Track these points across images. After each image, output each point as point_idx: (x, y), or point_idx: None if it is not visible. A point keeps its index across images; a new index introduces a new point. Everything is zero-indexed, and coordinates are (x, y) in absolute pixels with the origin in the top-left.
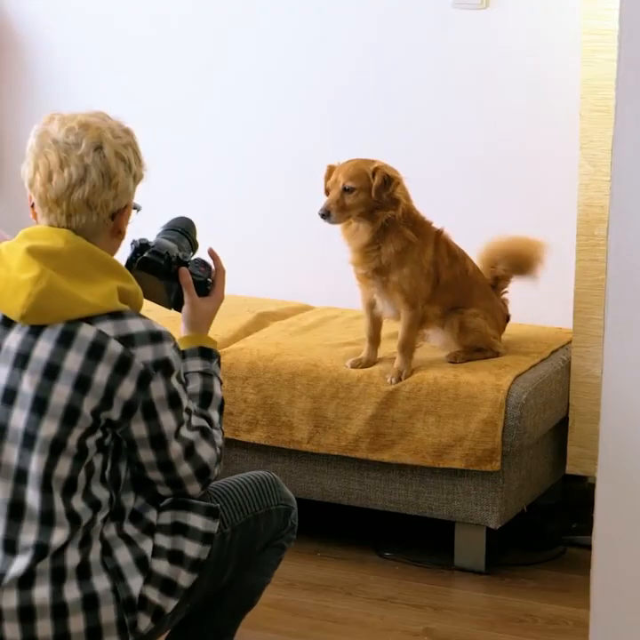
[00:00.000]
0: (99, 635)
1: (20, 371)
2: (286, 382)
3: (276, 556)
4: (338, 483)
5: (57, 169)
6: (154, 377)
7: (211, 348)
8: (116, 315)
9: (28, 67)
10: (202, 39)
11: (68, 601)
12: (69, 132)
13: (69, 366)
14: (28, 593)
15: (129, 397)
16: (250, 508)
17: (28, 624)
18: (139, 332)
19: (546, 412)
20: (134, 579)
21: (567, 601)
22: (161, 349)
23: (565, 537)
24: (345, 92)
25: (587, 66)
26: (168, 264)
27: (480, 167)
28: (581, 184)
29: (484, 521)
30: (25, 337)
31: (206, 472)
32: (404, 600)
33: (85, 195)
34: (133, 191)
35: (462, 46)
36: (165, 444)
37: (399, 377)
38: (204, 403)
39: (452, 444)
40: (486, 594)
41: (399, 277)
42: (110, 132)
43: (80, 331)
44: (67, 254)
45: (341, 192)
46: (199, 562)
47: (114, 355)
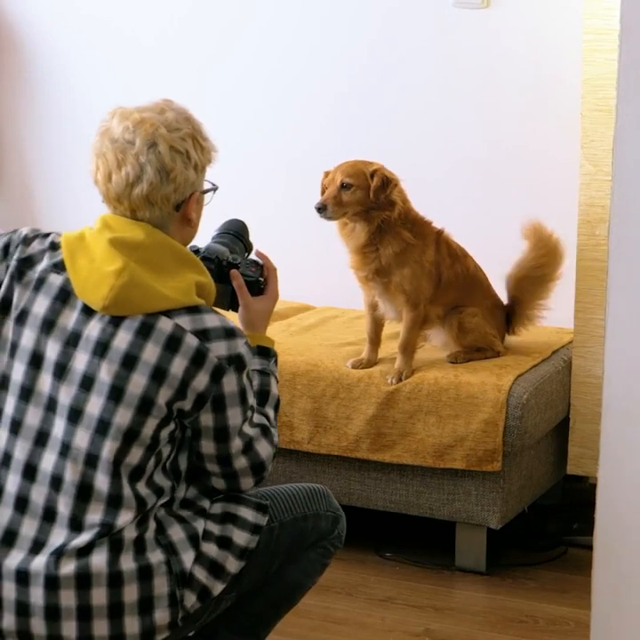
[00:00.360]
0: (150, 605)
1: (99, 359)
2: (287, 382)
3: (321, 559)
4: (338, 483)
5: (115, 168)
6: (227, 371)
7: (269, 346)
8: (192, 309)
9: (28, 67)
10: (202, 39)
11: (124, 570)
12: (125, 131)
13: (147, 357)
14: (86, 560)
15: (202, 389)
16: (299, 509)
17: (84, 591)
18: (214, 327)
19: (547, 413)
20: (187, 554)
21: (568, 601)
22: (234, 345)
23: (566, 537)
24: (346, 92)
25: (587, 65)
26: (219, 268)
27: (481, 167)
28: (582, 184)
29: (485, 521)
30: (105, 326)
31: (262, 468)
32: (405, 600)
33: (144, 192)
34: (198, 179)
35: (463, 46)
36: (228, 438)
37: (399, 377)
38: (262, 401)
39: (453, 444)
40: (487, 594)
41: (400, 278)
42: (165, 127)
43: (158, 323)
44: (148, 247)
45: (338, 188)
46: (247, 550)
47: (190, 348)
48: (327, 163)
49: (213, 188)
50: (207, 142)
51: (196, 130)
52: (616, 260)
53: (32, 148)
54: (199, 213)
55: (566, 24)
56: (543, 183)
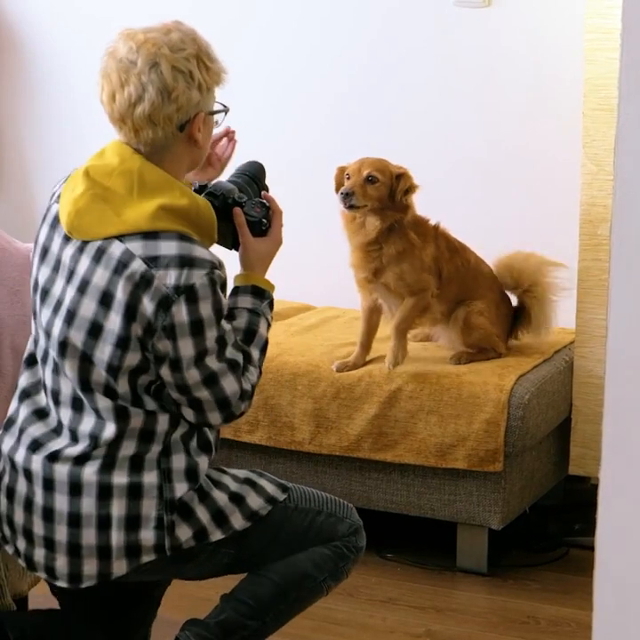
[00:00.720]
0: (137, 523)
1: (66, 283)
2: (287, 383)
3: (334, 558)
4: (339, 483)
5: (118, 88)
6: (176, 301)
7: (264, 287)
8: (149, 235)
9: (28, 67)
10: (205, 34)
11: (115, 484)
12: (129, 51)
13: (96, 281)
14: (79, 469)
15: (149, 315)
16: (318, 504)
17: (75, 498)
18: (167, 254)
19: (548, 413)
20: (180, 484)
21: (570, 602)
22: (188, 275)
23: (568, 538)
24: (346, 92)
25: (589, 64)
26: (224, 205)
27: (482, 167)
28: (584, 183)
29: (487, 522)
30: (74, 252)
31: (226, 404)
32: (406, 601)
33: (147, 111)
34: (204, 100)
35: (464, 45)
36: (181, 369)
37: (396, 361)
38: (247, 339)
39: (455, 444)
40: (488, 595)
41: (399, 272)
42: (169, 47)
43: (110, 248)
44: (117, 174)
45: (364, 180)
46: (257, 514)
47: (135, 273)
48: (327, 163)
49: (224, 109)
50: (214, 63)
51: (202, 50)
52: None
53: (32, 148)
54: (207, 134)
55: (568, 23)
56: (544, 183)
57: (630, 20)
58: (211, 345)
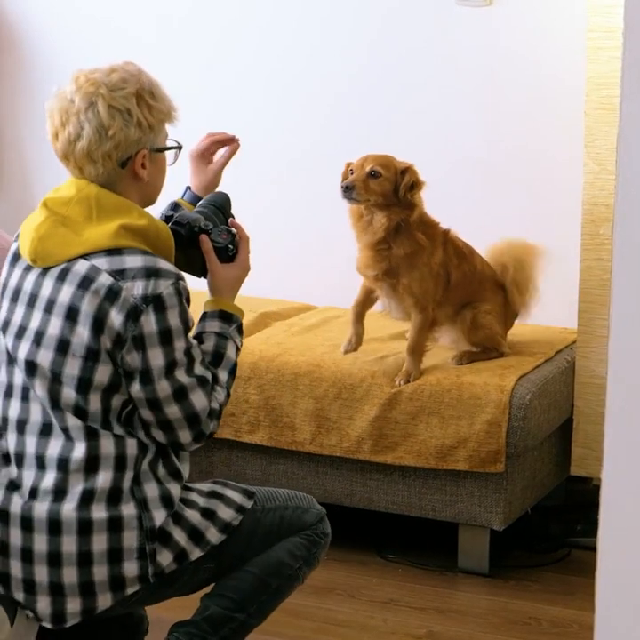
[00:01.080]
0: (119, 556)
1: (30, 309)
2: (288, 383)
3: (307, 544)
4: (340, 484)
5: (60, 128)
6: (144, 311)
7: (232, 312)
8: (114, 251)
9: (29, 67)
10: (202, 39)
11: (95, 519)
12: (70, 92)
13: (62, 299)
14: (58, 506)
15: (118, 328)
16: (282, 501)
17: (55, 537)
18: (133, 267)
19: (550, 413)
20: (158, 512)
21: (572, 604)
22: (155, 285)
23: (570, 539)
24: (347, 91)
25: (592, 63)
26: (190, 233)
27: (483, 166)
28: (586, 183)
29: (488, 523)
30: (37, 278)
31: (196, 420)
32: (407, 603)
33: (85, 149)
34: (146, 137)
35: (465, 44)
36: (152, 381)
37: (407, 379)
38: (215, 362)
39: (456, 445)
40: (490, 596)
41: (409, 280)
42: (107, 86)
43: (75, 266)
44: (75, 202)
45: (367, 174)
46: (230, 526)
47: (102, 286)
48: (327, 163)
49: (175, 147)
50: (158, 102)
51: (144, 89)
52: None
53: (32, 148)
54: (155, 171)
55: (570, 22)
56: (546, 182)
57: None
58: (180, 357)
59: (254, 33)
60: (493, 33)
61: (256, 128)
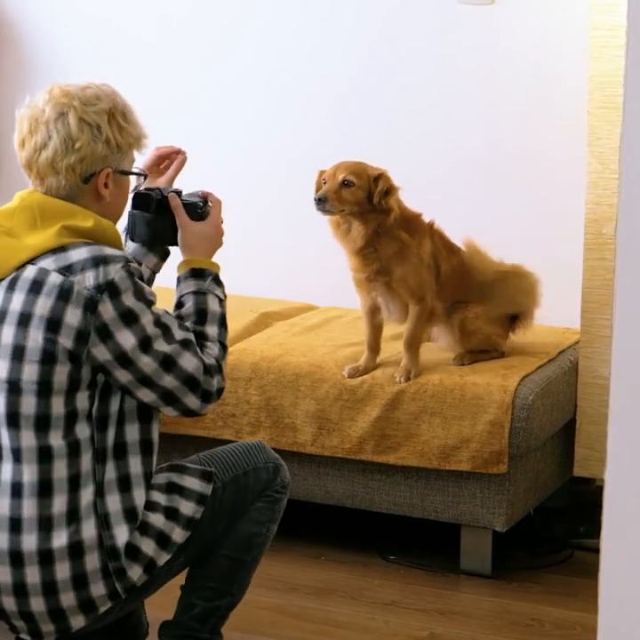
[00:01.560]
0: (85, 581)
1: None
2: (290, 383)
3: (269, 506)
4: (342, 485)
5: (27, 135)
6: (100, 300)
7: (202, 267)
8: (58, 249)
9: (29, 67)
10: (202, 39)
11: (55, 548)
12: (42, 102)
13: (13, 307)
14: (17, 538)
15: (78, 324)
16: (238, 466)
17: (18, 569)
18: (80, 259)
19: (553, 414)
20: (120, 528)
21: (575, 605)
22: (105, 272)
23: (573, 540)
24: (347, 91)
25: (595, 62)
26: (159, 195)
27: (485, 166)
28: (589, 182)
29: (491, 524)
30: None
31: (194, 382)
32: (409, 604)
33: (49, 159)
34: (113, 156)
35: (467, 43)
36: (132, 361)
37: (408, 376)
38: (200, 320)
39: (459, 445)
40: (492, 598)
41: (402, 273)
42: (81, 100)
43: (24, 273)
44: (19, 211)
45: (339, 184)
46: (193, 520)
47: (54, 286)
48: (327, 162)
49: (140, 174)
50: (130, 125)
51: (117, 109)
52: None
53: None
54: (116, 192)
55: (573, 20)
56: (549, 182)
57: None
58: (151, 329)
59: (254, 33)
60: (495, 31)
61: (256, 128)
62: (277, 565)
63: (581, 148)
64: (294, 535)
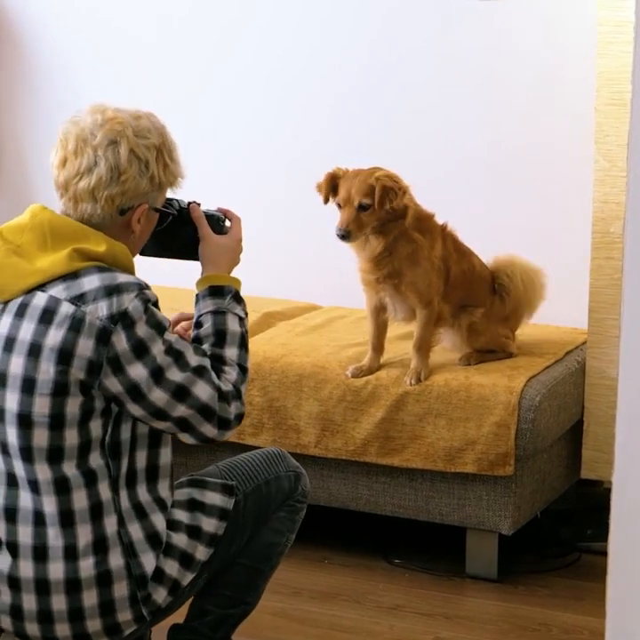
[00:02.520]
0: (112, 608)
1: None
2: (293, 384)
3: (289, 516)
4: (346, 488)
5: (71, 156)
6: (114, 331)
7: (222, 285)
8: (69, 276)
9: (28, 64)
10: (202, 39)
11: (83, 578)
12: (93, 123)
13: (22, 336)
14: (44, 566)
15: (90, 355)
16: (259, 476)
17: (44, 597)
18: (92, 288)
19: (560, 415)
20: (146, 556)
21: (582, 609)
22: (118, 302)
23: (580, 543)
24: (348, 90)
25: (602, 58)
26: (179, 208)
27: (490, 164)
28: (596, 180)
29: (497, 527)
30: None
31: (209, 411)
32: (414, 609)
33: (91, 185)
34: (153, 193)
35: (471, 39)
36: (144, 395)
37: (418, 377)
38: (218, 342)
39: (464, 447)
40: (499, 602)
41: (412, 277)
42: (134, 130)
43: (33, 300)
44: (29, 229)
45: (357, 210)
46: (216, 537)
47: (65, 317)
48: (328, 162)
49: (169, 212)
50: (174, 164)
51: (165, 146)
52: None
53: (32, 145)
54: (146, 229)
55: (580, 16)
56: (556, 180)
57: None
58: (162, 359)
59: (254, 33)
60: (500, 28)
61: (256, 128)
62: (280, 569)
63: (588, 145)
64: (297, 538)
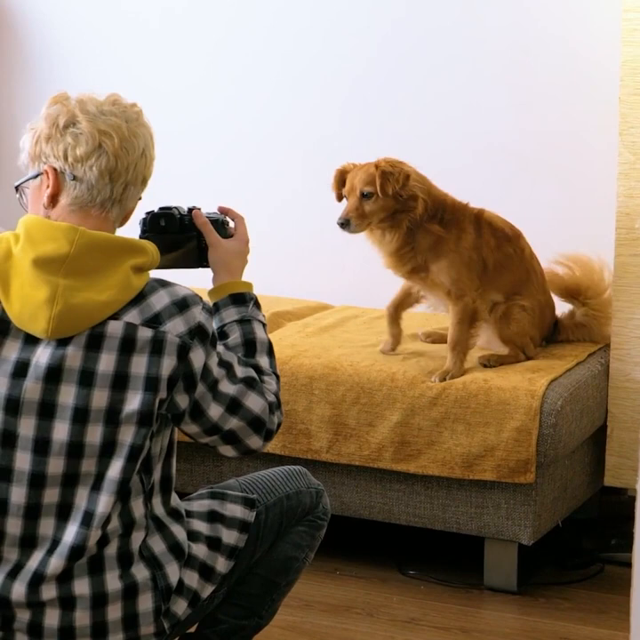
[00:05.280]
0: (135, 622)
1: (54, 384)
2: (303, 387)
3: (310, 531)
4: (359, 495)
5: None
6: (192, 346)
7: (243, 292)
8: (137, 298)
9: (28, 61)
10: (210, 21)
11: (109, 592)
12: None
13: (103, 369)
14: (68, 586)
15: (171, 373)
16: (280, 490)
17: (67, 613)
18: (164, 307)
19: (582, 420)
20: (171, 566)
21: (605, 623)
22: (191, 316)
23: (603, 554)
24: (364, 77)
25: (627, 46)
26: (180, 215)
27: (511, 155)
28: (620, 173)
29: (516, 537)
30: (54, 350)
31: (260, 423)
32: (430, 622)
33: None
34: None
35: (493, 25)
36: (203, 411)
37: (444, 377)
38: (250, 351)
39: (483, 454)
40: (518, 615)
41: (437, 270)
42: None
43: (108, 330)
44: (74, 257)
45: (359, 199)
46: (237, 549)
47: (146, 342)
48: (343, 154)
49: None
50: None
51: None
52: None
53: None
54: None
55: (604, 1)
56: (578, 173)
57: None
58: (217, 371)
59: (268, 15)
60: (523, 13)
61: (270, 116)
62: None
63: (613, 137)
64: None
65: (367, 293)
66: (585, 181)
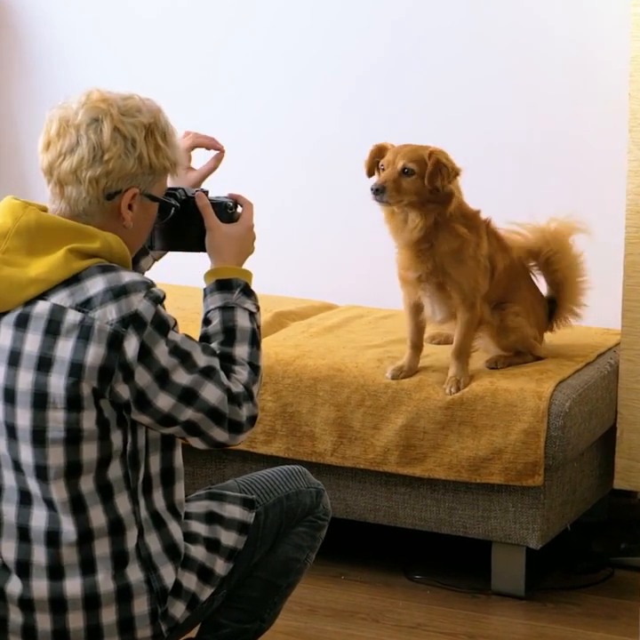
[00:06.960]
0: (131, 625)
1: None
2: (307, 388)
3: (310, 532)
4: (363, 499)
5: (54, 137)
6: (125, 335)
7: (230, 278)
8: (71, 280)
9: (28, 60)
10: (211, 17)
11: (102, 593)
12: (77, 104)
13: (29, 349)
14: (59, 584)
15: (101, 362)
16: (280, 490)
17: (60, 616)
18: (97, 292)
19: (591, 422)
20: (166, 568)
21: (616, 629)
22: (128, 303)
23: (613, 558)
24: (366, 76)
25: (636, 41)
26: (184, 196)
27: (519, 153)
28: (630, 171)
29: (524, 541)
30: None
31: (218, 415)
32: (436, 628)
33: (73, 166)
34: (143, 176)
35: (500, 21)
36: (149, 402)
37: (458, 386)
38: (228, 340)
39: (490, 457)
40: (526, 620)
41: (457, 277)
42: (120, 109)
43: (35, 309)
44: (13, 234)
45: (399, 172)
46: (236, 551)
47: (73, 325)
48: (348, 151)
49: (170, 204)
50: (169, 147)
51: (157, 126)
52: None
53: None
54: (140, 218)
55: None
56: (587, 170)
57: None
58: (166, 361)
59: (272, 9)
60: (531, 9)
61: (274, 111)
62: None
63: (622, 134)
64: None
65: (372, 293)
66: (594, 179)
